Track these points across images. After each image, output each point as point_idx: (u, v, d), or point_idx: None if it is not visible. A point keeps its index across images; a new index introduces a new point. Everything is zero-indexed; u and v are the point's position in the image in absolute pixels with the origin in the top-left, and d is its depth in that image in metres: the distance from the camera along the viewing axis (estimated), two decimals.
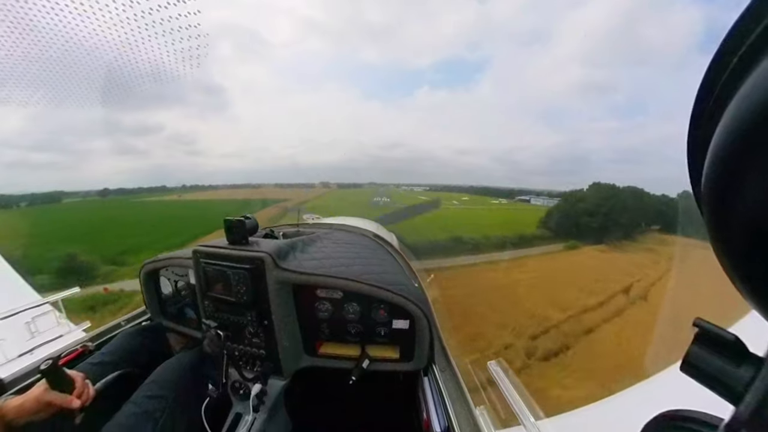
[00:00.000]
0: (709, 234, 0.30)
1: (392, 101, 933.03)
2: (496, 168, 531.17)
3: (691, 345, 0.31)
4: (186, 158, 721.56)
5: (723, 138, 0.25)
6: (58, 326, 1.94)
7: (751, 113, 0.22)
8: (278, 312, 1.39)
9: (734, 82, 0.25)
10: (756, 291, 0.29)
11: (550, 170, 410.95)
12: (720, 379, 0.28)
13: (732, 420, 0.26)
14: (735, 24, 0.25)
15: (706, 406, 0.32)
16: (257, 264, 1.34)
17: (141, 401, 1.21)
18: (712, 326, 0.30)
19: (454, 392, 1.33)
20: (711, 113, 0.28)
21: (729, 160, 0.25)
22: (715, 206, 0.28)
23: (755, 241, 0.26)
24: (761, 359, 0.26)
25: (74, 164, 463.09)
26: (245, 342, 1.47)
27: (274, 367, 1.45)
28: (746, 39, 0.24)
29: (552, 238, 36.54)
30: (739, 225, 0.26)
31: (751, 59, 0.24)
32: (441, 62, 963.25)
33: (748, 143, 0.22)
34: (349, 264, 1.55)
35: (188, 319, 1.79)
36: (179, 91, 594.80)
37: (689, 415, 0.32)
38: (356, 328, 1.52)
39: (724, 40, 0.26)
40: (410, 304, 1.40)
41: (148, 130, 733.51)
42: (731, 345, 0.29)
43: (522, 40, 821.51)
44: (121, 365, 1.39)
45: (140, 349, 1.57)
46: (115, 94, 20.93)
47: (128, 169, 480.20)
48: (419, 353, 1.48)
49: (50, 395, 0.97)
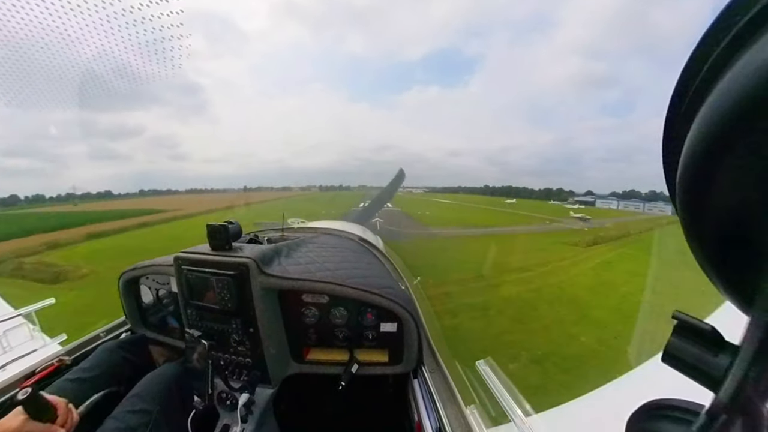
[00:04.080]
0: (684, 233, 0.32)
1: (380, 99, 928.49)
2: (486, 168, 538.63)
3: (671, 337, 0.32)
4: (160, 162, 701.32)
5: (695, 142, 0.26)
6: (31, 340, 1.85)
7: (719, 119, 0.24)
8: (264, 319, 1.36)
9: (705, 89, 0.27)
10: (729, 284, 0.30)
11: (568, 170, 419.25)
12: (699, 368, 0.30)
13: (712, 406, 0.27)
14: (705, 33, 0.26)
15: (688, 394, 0.33)
16: (241, 270, 1.32)
17: (123, 416, 1.17)
18: (690, 318, 0.31)
19: (445, 393, 1.33)
20: (684, 118, 0.29)
21: (701, 162, 0.26)
22: (689, 207, 0.30)
23: (727, 239, 0.28)
24: (737, 347, 0.27)
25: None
26: (231, 351, 1.43)
27: (261, 375, 1.42)
28: (715, 48, 0.26)
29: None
30: (711, 224, 0.28)
31: (719, 67, 0.25)
32: (432, 54, 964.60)
33: (718, 147, 0.24)
34: (335, 268, 1.53)
35: (171, 329, 1.74)
36: (154, 92, 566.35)
37: (672, 404, 0.33)
38: (344, 332, 1.50)
39: (694, 50, 0.28)
40: (397, 306, 1.40)
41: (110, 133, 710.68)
42: (709, 335, 0.30)
43: (519, 28, 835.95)
44: (101, 381, 1.34)
45: (121, 363, 1.51)
46: (70, 92, 19.70)
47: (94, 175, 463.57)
48: (408, 355, 1.47)
49: (31, 426, 0.89)
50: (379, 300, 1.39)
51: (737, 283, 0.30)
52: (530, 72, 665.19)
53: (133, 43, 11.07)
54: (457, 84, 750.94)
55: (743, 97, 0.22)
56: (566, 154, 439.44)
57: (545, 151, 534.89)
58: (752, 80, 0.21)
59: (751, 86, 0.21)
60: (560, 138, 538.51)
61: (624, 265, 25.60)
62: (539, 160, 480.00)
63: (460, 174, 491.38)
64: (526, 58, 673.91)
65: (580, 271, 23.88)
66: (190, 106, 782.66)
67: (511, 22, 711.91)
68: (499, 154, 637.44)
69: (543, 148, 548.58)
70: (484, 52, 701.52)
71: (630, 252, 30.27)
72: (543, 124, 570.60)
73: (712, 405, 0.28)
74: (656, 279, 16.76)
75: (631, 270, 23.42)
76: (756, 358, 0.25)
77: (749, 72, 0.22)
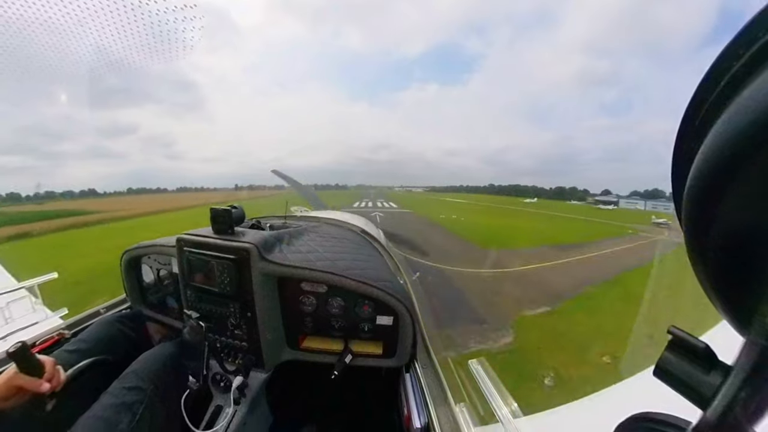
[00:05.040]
0: (687, 246, 0.31)
1: (378, 98, 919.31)
2: (484, 168, 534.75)
3: (665, 351, 0.32)
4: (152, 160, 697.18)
5: (707, 157, 0.26)
6: (33, 313, 1.88)
7: (734, 136, 0.23)
8: (262, 304, 1.38)
9: (722, 104, 0.26)
10: (728, 303, 0.30)
11: (565, 170, 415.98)
12: (690, 385, 0.30)
13: (699, 423, 0.28)
14: (726, 47, 0.26)
15: (677, 410, 0.33)
16: (242, 255, 1.33)
17: (119, 392, 1.19)
18: (685, 334, 0.31)
19: (435, 389, 1.34)
20: (697, 131, 0.29)
21: (711, 178, 0.25)
22: (695, 221, 0.29)
23: (729, 258, 0.27)
24: (729, 367, 0.27)
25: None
26: (227, 334, 1.45)
27: (255, 359, 1.44)
28: (734, 63, 0.25)
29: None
30: (715, 241, 0.27)
31: (738, 83, 0.25)
32: (431, 51, 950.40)
33: (731, 164, 0.23)
34: (334, 258, 1.54)
35: (170, 309, 1.76)
36: (148, 89, 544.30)
37: (659, 418, 0.34)
38: (340, 322, 1.52)
39: (713, 63, 0.27)
40: (394, 300, 1.40)
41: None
42: (702, 353, 0.30)
43: (521, 24, 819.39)
44: (97, 352, 1.36)
45: (118, 336, 1.54)
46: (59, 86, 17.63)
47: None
48: (402, 349, 1.49)
49: (19, 379, 0.94)
50: (376, 293, 1.40)
51: (736, 303, 0.30)
52: (531, 70, 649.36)
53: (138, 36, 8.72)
54: (456, 82, 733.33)
55: (761, 115, 0.21)
56: (564, 155, 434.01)
57: (544, 151, 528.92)
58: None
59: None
60: (559, 137, 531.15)
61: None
62: (538, 160, 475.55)
63: (458, 174, 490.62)
64: (527, 55, 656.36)
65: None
66: (185, 103, 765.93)
67: (513, 17, 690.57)
68: (498, 154, 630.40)
69: (542, 148, 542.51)
70: (484, 50, 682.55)
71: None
72: (543, 124, 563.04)
73: (699, 423, 0.28)
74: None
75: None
76: (747, 380, 0.25)
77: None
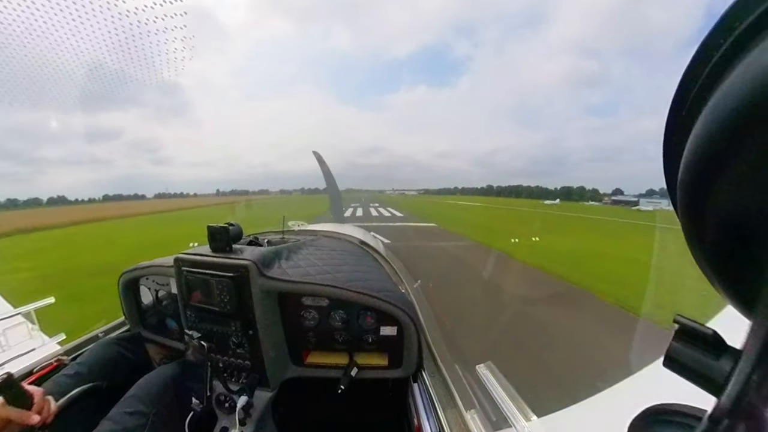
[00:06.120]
0: (685, 235, 0.32)
1: (368, 101, 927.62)
2: (474, 170, 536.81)
3: (672, 341, 0.32)
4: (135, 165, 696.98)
5: (696, 145, 0.26)
6: (30, 339, 1.85)
7: (721, 122, 0.24)
8: (263, 321, 1.36)
9: (706, 93, 0.27)
10: (731, 288, 0.30)
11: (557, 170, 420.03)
12: (701, 372, 0.29)
13: (715, 411, 0.27)
14: (706, 37, 0.27)
15: (690, 399, 0.32)
16: (241, 272, 1.32)
17: (119, 417, 1.16)
18: (691, 322, 0.31)
19: (444, 397, 1.32)
20: (685, 121, 0.29)
21: (702, 165, 0.26)
22: (691, 210, 0.30)
23: (728, 242, 0.28)
24: (739, 351, 0.27)
25: None
26: (230, 353, 1.43)
27: (260, 378, 1.41)
28: (715, 53, 0.26)
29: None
30: (712, 227, 0.28)
31: (721, 72, 0.26)
32: (419, 52, 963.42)
33: (720, 149, 0.24)
34: (334, 271, 1.53)
35: (170, 330, 1.74)
36: (132, 92, 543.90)
37: (674, 409, 0.33)
38: (343, 336, 1.50)
39: (695, 54, 0.28)
40: (397, 310, 1.39)
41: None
42: (710, 339, 0.30)
43: (511, 24, 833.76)
44: (96, 377, 1.33)
45: (118, 359, 1.51)
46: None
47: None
48: (408, 359, 1.47)
49: (7, 411, 0.91)
50: (378, 303, 1.39)
51: (739, 287, 0.30)
52: (520, 71, 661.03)
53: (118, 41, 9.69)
54: (445, 84, 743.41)
55: (744, 101, 0.22)
56: (555, 155, 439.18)
57: (534, 151, 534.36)
58: (753, 84, 0.21)
59: (752, 91, 0.21)
60: (549, 138, 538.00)
61: None
62: (528, 161, 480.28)
63: (450, 176, 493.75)
64: (516, 57, 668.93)
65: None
66: (170, 107, 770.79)
67: (502, 18, 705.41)
68: (488, 156, 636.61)
69: (532, 149, 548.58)
70: (473, 51, 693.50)
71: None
72: (533, 125, 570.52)
73: (714, 410, 0.27)
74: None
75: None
76: (758, 362, 0.25)
77: (750, 76, 0.22)
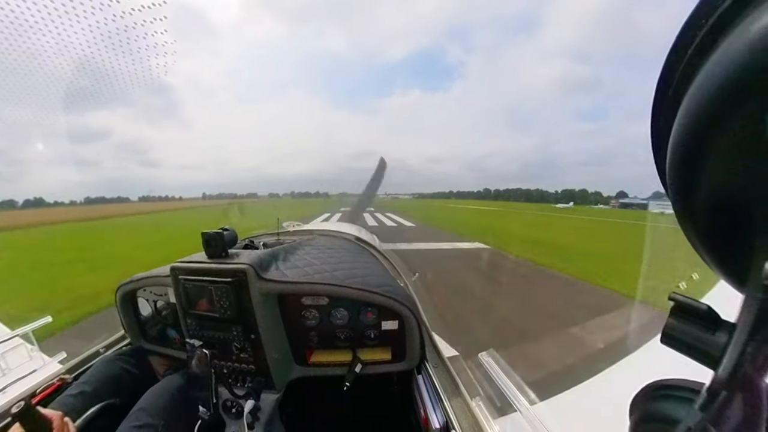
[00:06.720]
0: (676, 214, 0.33)
1: (361, 105, 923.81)
2: (467, 174, 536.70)
3: (669, 318, 0.32)
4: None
5: (684, 122, 0.27)
6: (30, 360, 1.82)
7: (707, 99, 0.24)
8: (264, 324, 1.36)
9: (691, 71, 0.27)
10: (723, 262, 0.31)
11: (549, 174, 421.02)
12: (698, 347, 0.30)
13: (712, 383, 0.28)
14: (690, 16, 0.27)
15: (688, 374, 0.33)
16: (239, 277, 1.31)
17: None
18: (685, 298, 0.32)
19: (449, 387, 1.34)
20: (671, 101, 0.30)
21: (691, 141, 0.27)
22: (680, 187, 0.30)
23: (718, 217, 0.28)
24: (733, 324, 0.28)
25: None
26: (233, 358, 1.42)
27: (265, 381, 1.41)
28: (698, 32, 0.26)
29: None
30: (702, 204, 0.28)
31: (706, 49, 0.26)
32: (413, 55, 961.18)
33: (708, 124, 0.24)
34: (332, 269, 1.53)
35: (171, 340, 1.73)
36: (118, 91, 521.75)
37: (674, 384, 0.34)
38: (345, 333, 1.50)
39: (679, 34, 0.28)
40: (397, 304, 1.40)
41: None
42: (705, 314, 0.31)
43: (505, 29, 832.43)
44: (102, 394, 1.32)
45: (121, 375, 1.50)
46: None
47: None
48: (411, 352, 1.48)
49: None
50: (378, 298, 1.39)
51: (730, 260, 0.31)
52: (514, 76, 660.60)
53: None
54: (438, 89, 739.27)
55: (729, 77, 0.22)
56: (546, 159, 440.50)
57: (526, 156, 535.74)
58: (738, 61, 0.21)
59: (736, 67, 0.21)
60: (541, 143, 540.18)
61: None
62: (521, 165, 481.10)
63: (443, 180, 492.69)
64: (510, 61, 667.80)
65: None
66: (160, 107, 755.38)
67: (496, 23, 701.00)
68: (481, 160, 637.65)
69: (524, 153, 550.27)
70: (466, 56, 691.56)
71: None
72: (525, 129, 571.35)
73: (712, 382, 0.28)
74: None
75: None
76: (752, 334, 0.25)
77: (735, 52, 0.22)
